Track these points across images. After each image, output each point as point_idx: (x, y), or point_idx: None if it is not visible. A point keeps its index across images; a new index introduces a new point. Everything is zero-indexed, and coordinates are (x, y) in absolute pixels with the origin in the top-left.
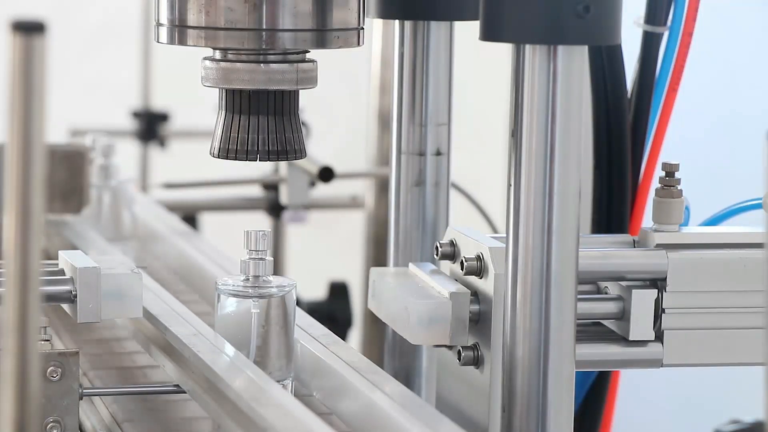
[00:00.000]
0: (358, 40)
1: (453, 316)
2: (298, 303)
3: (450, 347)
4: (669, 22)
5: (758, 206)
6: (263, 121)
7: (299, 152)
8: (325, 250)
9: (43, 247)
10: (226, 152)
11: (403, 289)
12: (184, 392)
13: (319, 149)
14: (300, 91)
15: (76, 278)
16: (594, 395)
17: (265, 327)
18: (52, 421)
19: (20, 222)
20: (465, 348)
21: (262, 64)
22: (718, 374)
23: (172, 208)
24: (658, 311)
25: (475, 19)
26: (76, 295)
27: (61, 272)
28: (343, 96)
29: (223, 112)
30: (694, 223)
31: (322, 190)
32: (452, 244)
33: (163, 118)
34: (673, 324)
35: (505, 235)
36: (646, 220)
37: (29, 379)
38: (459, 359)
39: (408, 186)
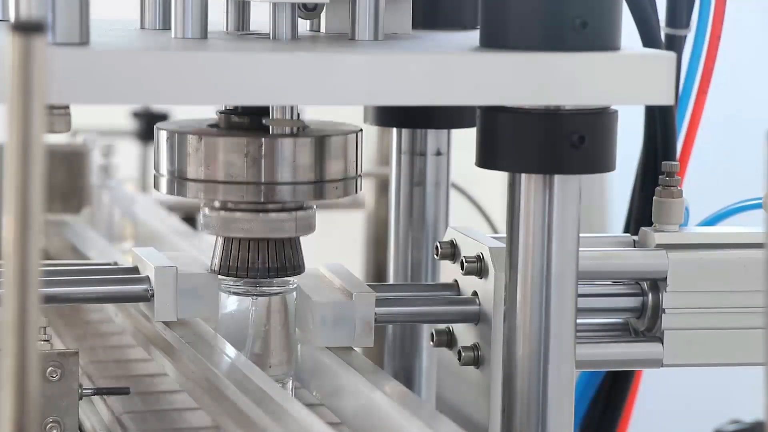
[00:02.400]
0: (356, 188)
1: (358, 317)
2: None
3: (450, 347)
4: (694, 24)
5: (758, 206)
6: (263, 243)
7: (297, 268)
8: (325, 250)
9: (43, 247)
10: (227, 269)
11: (308, 289)
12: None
13: None
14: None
15: (153, 277)
16: (613, 399)
17: (266, 326)
18: (51, 421)
19: (20, 222)
20: (465, 348)
21: (261, 213)
22: (718, 374)
23: (172, 208)
24: (658, 311)
25: (473, 126)
26: (153, 294)
27: (135, 270)
28: None
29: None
30: (694, 223)
31: None
32: (452, 244)
33: (163, 118)
34: (673, 324)
35: (505, 235)
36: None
37: (29, 379)
38: (459, 359)
39: (408, 186)
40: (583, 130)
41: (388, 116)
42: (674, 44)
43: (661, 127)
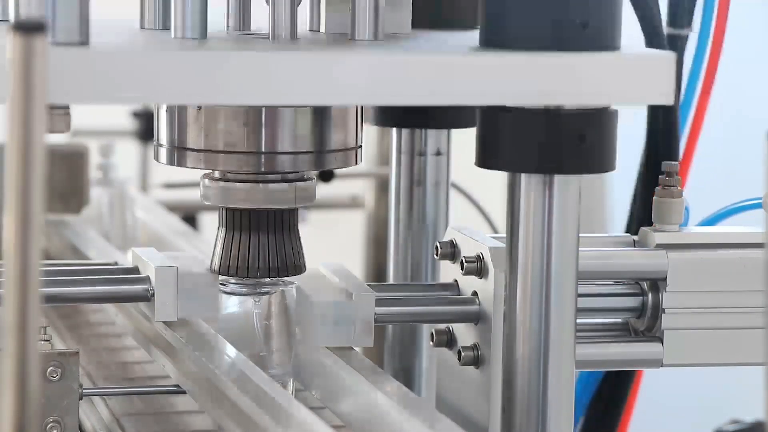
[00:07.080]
0: (356, 158)
1: (358, 317)
2: None
3: (450, 347)
4: (697, 24)
5: (758, 206)
6: (263, 238)
7: (298, 268)
8: (325, 250)
9: (43, 247)
10: (227, 269)
11: (308, 288)
12: (184, 392)
13: None
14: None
15: (153, 277)
16: (613, 399)
17: (267, 325)
18: (52, 421)
19: (20, 222)
20: (465, 348)
21: (260, 184)
22: (718, 374)
23: (172, 208)
24: (658, 311)
25: (473, 126)
26: (153, 293)
27: (135, 270)
28: None
29: (223, 229)
30: (694, 223)
31: (322, 190)
32: (452, 244)
33: None
34: (673, 324)
35: (505, 235)
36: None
37: (29, 379)
38: (459, 359)
39: (408, 186)
40: (583, 129)
41: (388, 116)
42: (676, 44)
43: (663, 126)
